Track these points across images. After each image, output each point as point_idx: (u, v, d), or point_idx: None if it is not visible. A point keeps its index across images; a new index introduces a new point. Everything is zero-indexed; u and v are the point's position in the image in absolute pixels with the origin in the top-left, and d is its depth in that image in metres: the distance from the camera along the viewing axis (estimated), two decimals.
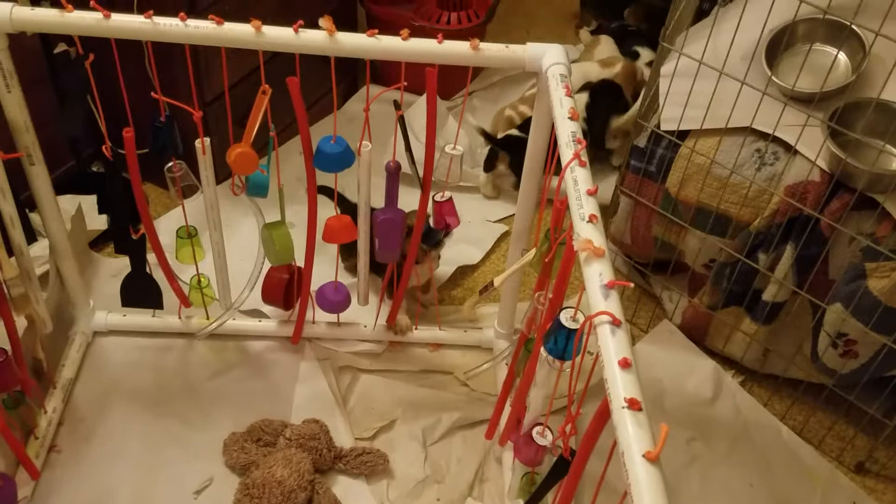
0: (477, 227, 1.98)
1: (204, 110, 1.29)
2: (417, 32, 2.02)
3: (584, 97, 2.08)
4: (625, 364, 0.78)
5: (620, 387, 0.76)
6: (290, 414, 1.52)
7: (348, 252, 1.63)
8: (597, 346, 0.82)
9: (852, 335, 1.41)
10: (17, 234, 1.27)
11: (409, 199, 1.46)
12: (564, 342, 1.04)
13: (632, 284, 1.65)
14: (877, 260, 1.33)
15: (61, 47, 1.67)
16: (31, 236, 1.58)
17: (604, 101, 2.09)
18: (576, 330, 1.01)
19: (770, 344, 1.60)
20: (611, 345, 0.80)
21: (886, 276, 1.33)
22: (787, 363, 1.60)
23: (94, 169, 1.92)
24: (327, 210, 1.44)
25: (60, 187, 1.76)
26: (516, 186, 1.57)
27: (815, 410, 1.63)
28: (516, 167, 1.90)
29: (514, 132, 2.04)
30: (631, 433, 0.71)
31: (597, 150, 2.13)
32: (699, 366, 1.68)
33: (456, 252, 1.87)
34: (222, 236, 1.48)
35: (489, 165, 2.05)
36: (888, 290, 1.33)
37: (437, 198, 1.44)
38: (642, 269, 1.81)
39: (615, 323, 0.82)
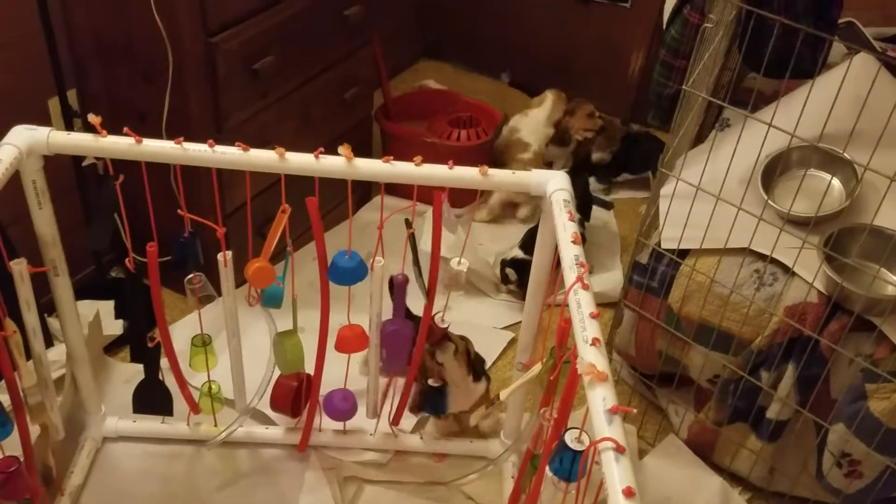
0: (485, 334, 2.01)
1: (225, 222, 1.35)
2: (429, 148, 2.11)
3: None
4: (629, 493, 0.80)
5: None
6: None
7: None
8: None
9: (856, 455, 1.42)
10: (38, 344, 1.31)
11: (417, 311, 1.50)
12: (570, 463, 1.06)
13: (634, 410, 1.68)
14: (877, 381, 1.36)
15: (90, 160, 1.76)
16: (48, 341, 1.62)
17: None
18: (581, 452, 1.03)
19: (776, 461, 1.60)
20: (615, 473, 0.82)
21: (887, 398, 1.34)
22: (793, 482, 1.59)
23: (114, 274, 1.98)
24: (339, 316, 1.47)
25: (80, 292, 1.80)
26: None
27: None
28: (524, 285, 2.01)
29: (519, 254, 2.13)
30: None
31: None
32: (707, 483, 1.67)
33: None
34: (240, 343, 1.52)
35: (504, 279, 2.16)
36: (889, 412, 1.34)
37: (437, 321, 1.49)
38: (648, 381, 1.83)
39: (619, 450, 0.85)
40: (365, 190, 2.39)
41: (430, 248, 1.41)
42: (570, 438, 1.05)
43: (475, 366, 1.62)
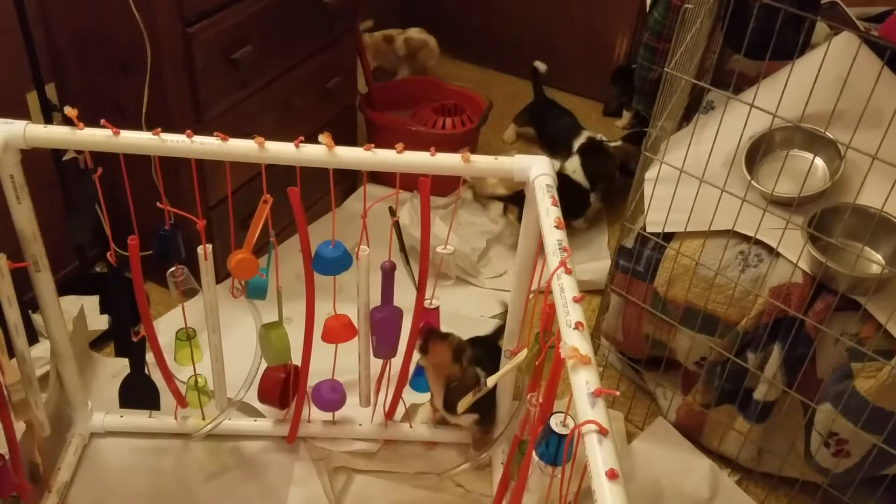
0: (473, 323, 2.01)
1: (207, 215, 1.34)
2: (414, 137, 2.10)
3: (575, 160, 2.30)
4: (612, 475, 0.80)
5: (609, 499, 0.77)
6: None
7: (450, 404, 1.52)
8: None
9: (843, 434, 1.42)
10: (20, 340, 1.30)
11: (405, 297, 1.49)
12: (556, 447, 1.06)
13: (617, 393, 1.68)
14: (862, 360, 1.36)
15: (70, 155, 1.74)
16: (33, 337, 1.60)
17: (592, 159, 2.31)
18: (565, 436, 1.03)
19: (764, 442, 1.60)
20: (598, 455, 0.82)
21: (872, 377, 1.35)
22: (782, 462, 1.60)
23: (98, 269, 1.96)
24: (325, 306, 1.47)
25: (63, 288, 1.79)
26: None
27: None
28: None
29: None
30: None
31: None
32: (695, 465, 1.68)
33: None
34: (221, 339, 1.51)
35: (504, 211, 2.29)
36: (875, 391, 1.35)
37: (426, 304, 1.48)
38: (635, 365, 1.83)
39: (602, 432, 0.84)
40: (351, 180, 2.38)
41: (418, 234, 1.40)
42: (554, 423, 1.05)
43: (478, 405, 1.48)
